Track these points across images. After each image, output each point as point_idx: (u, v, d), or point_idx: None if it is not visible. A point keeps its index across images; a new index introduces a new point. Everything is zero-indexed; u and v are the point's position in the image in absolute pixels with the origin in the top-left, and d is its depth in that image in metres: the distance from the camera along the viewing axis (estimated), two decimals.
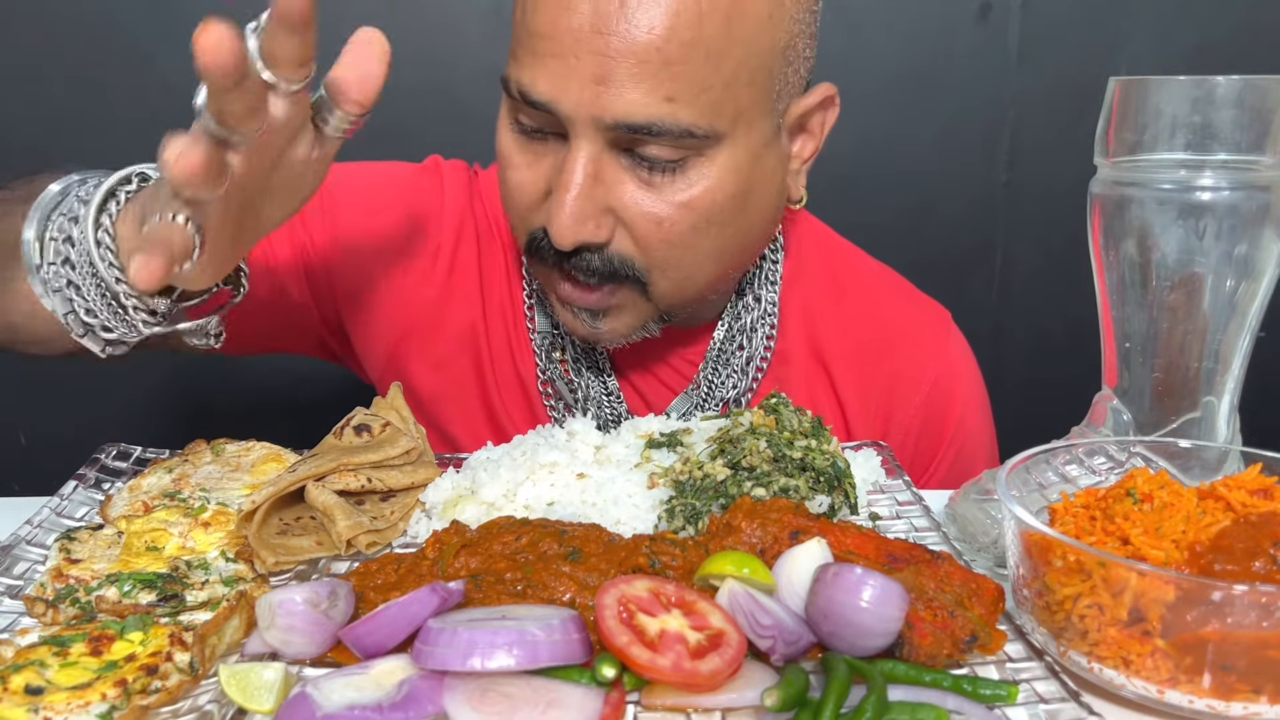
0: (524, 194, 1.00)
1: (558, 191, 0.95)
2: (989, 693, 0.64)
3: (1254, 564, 0.66)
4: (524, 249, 1.04)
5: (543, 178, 0.99)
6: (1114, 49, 2.08)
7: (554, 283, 1.04)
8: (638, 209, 0.96)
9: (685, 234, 0.98)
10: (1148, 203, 0.83)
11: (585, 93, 0.91)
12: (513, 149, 1.00)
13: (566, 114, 0.92)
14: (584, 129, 0.93)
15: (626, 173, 0.96)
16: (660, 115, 0.91)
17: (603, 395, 1.17)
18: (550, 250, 0.99)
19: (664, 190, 0.96)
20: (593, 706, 0.62)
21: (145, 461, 1.01)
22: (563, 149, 0.96)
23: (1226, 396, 0.88)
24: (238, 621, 0.73)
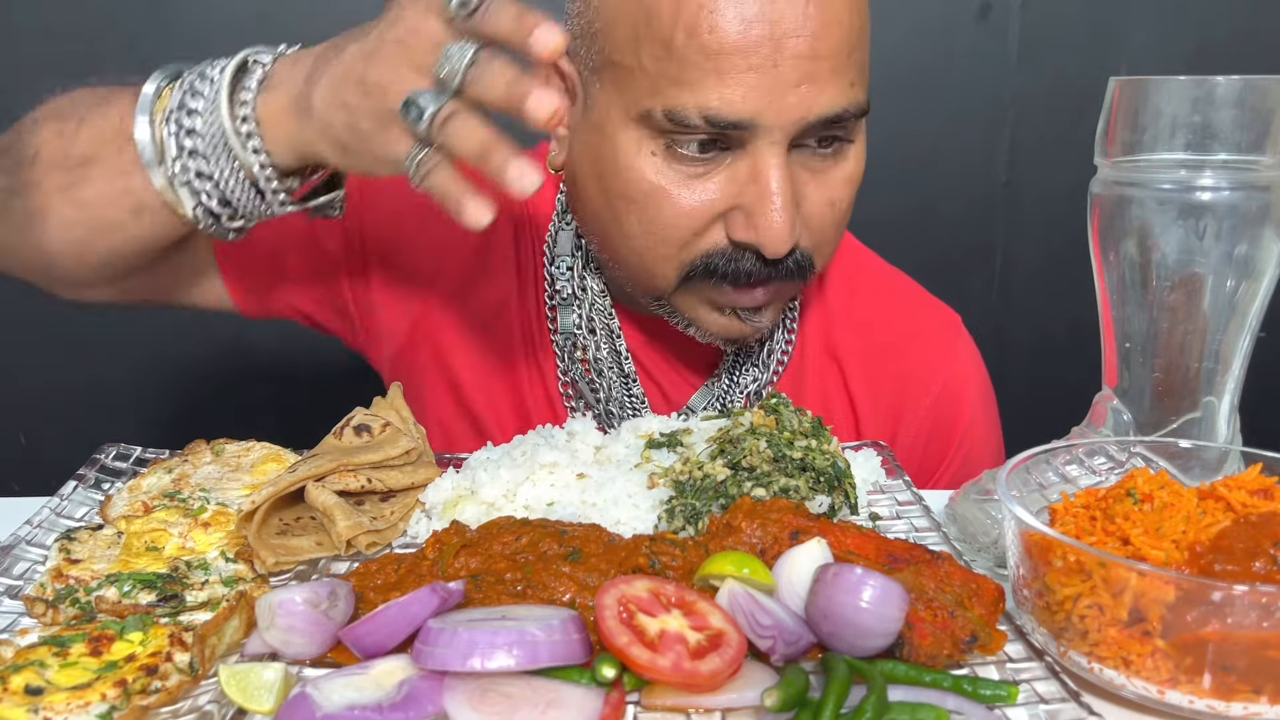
0: (689, 222, 0.97)
1: (762, 202, 0.94)
2: (989, 693, 0.64)
3: (1254, 564, 0.66)
4: (677, 280, 1.01)
5: (716, 196, 0.96)
6: (1114, 49, 2.08)
7: (716, 295, 1.02)
8: (816, 197, 0.99)
9: (845, 210, 1.02)
10: (1148, 203, 0.83)
11: (790, 98, 0.91)
12: (664, 180, 0.96)
13: (769, 124, 0.92)
14: (780, 134, 0.93)
15: (799, 166, 0.97)
16: (850, 100, 0.95)
17: (625, 396, 1.16)
18: (746, 265, 0.98)
19: (830, 173, 0.99)
20: (593, 706, 0.62)
21: (145, 461, 1.01)
22: (734, 161, 0.95)
23: (1227, 397, 0.88)
24: (238, 622, 0.73)
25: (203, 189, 0.88)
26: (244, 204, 0.90)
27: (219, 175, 0.87)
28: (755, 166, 0.94)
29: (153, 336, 2.09)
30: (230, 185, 0.88)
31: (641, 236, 1.00)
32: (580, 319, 1.16)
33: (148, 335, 2.09)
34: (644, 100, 0.94)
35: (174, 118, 0.87)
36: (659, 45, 0.92)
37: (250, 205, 0.90)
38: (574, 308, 1.16)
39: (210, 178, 0.88)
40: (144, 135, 0.88)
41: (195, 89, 0.87)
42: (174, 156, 0.87)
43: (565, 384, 1.18)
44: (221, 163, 0.87)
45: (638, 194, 0.98)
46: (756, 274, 0.99)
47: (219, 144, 0.86)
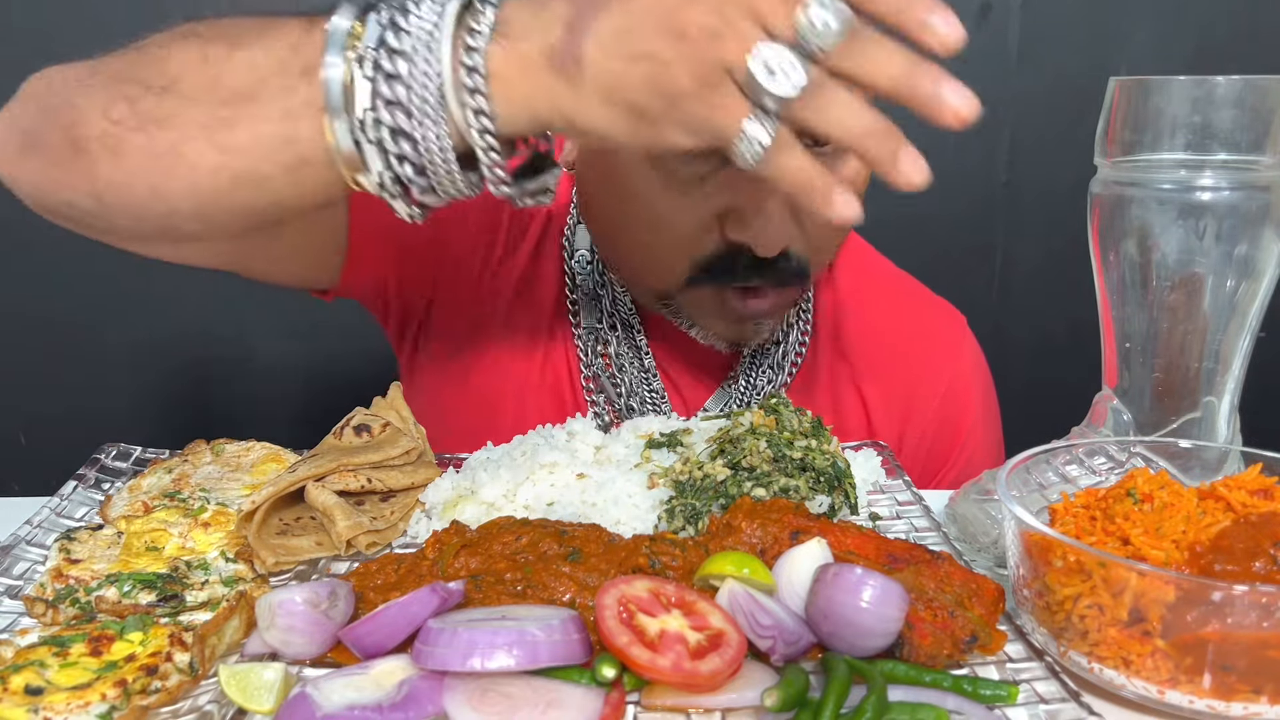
0: (689, 222, 0.96)
1: (755, 203, 0.93)
2: (989, 693, 0.64)
3: (1254, 564, 0.66)
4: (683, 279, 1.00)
5: (714, 199, 0.96)
6: (1114, 49, 2.08)
7: (720, 300, 1.02)
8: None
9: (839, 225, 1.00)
10: (1148, 203, 0.83)
11: None
12: (660, 187, 0.96)
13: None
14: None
15: None
16: None
17: (646, 392, 1.17)
18: (740, 266, 0.97)
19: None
20: (593, 707, 0.62)
21: (145, 461, 1.01)
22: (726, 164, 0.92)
23: (1227, 397, 0.88)
24: (238, 622, 0.73)
25: (397, 150, 0.71)
26: (443, 176, 0.73)
27: (422, 135, 0.70)
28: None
29: (153, 336, 2.09)
30: (434, 150, 0.71)
31: (642, 247, 1.01)
32: (602, 314, 1.17)
33: (147, 335, 2.09)
34: None
35: (372, 57, 0.70)
36: None
37: (449, 179, 0.73)
38: (596, 303, 1.17)
39: (410, 136, 0.71)
40: (335, 73, 0.70)
41: (400, 26, 0.70)
42: (367, 106, 0.70)
43: (587, 378, 1.18)
44: (429, 120, 0.70)
45: (642, 195, 0.98)
46: (750, 274, 0.99)
47: (431, 96, 0.69)
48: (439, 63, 0.69)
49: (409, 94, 0.70)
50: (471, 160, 0.73)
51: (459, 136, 0.71)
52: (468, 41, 0.69)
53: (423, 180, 0.73)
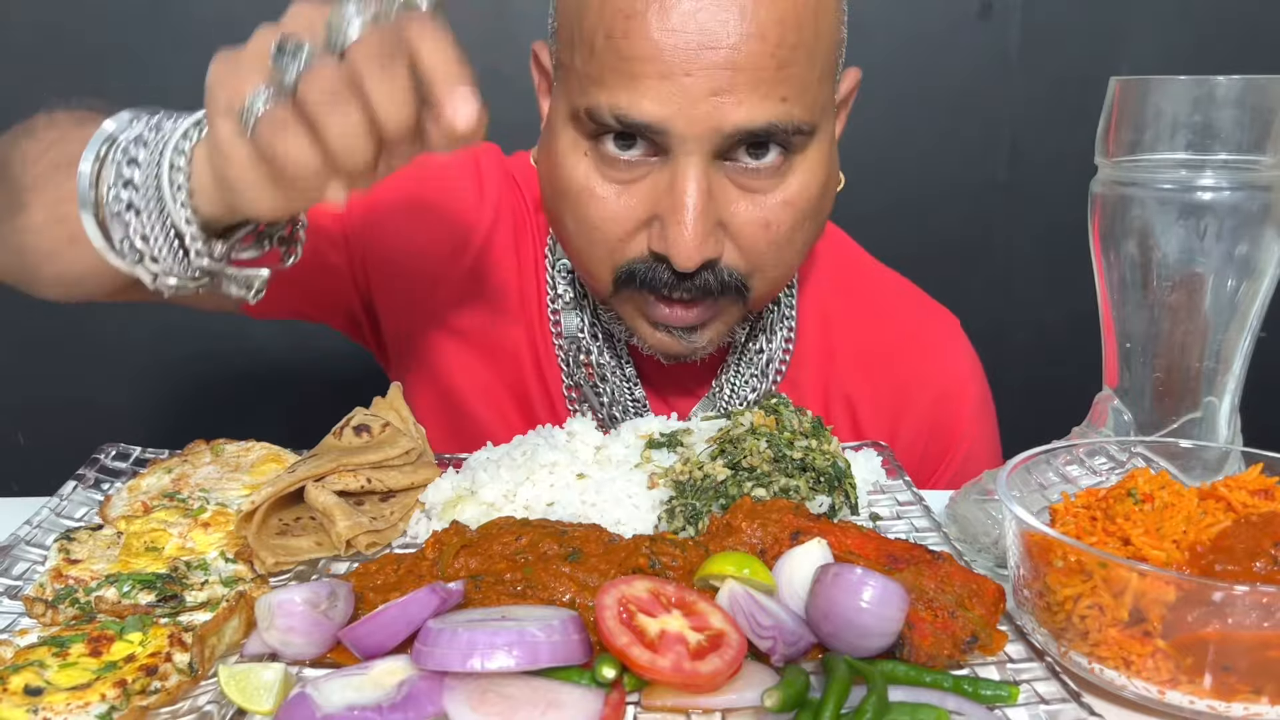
0: (615, 226, 0.98)
1: (673, 213, 0.93)
2: (989, 693, 0.64)
3: (1255, 564, 0.66)
4: (611, 284, 1.01)
5: (639, 204, 0.96)
6: (1114, 49, 2.08)
7: (646, 307, 1.02)
8: (746, 216, 0.97)
9: (787, 233, 0.99)
10: (1148, 203, 0.83)
11: (700, 107, 0.90)
12: (593, 182, 0.97)
13: (680, 132, 0.91)
14: (695, 145, 0.92)
15: (730, 182, 0.96)
16: (778, 115, 0.92)
17: (629, 401, 1.16)
18: (663, 277, 0.97)
19: (768, 193, 0.97)
20: (593, 707, 0.62)
21: (145, 461, 1.01)
22: (658, 171, 0.95)
23: (1227, 397, 0.88)
24: (237, 622, 0.73)
25: (130, 221, 0.79)
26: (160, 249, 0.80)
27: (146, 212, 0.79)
28: (673, 176, 0.93)
29: (152, 336, 2.09)
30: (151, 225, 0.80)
31: (577, 236, 1.01)
32: (584, 323, 1.16)
33: (147, 335, 2.09)
34: (574, 99, 0.96)
35: (122, 146, 0.80)
36: (586, 47, 0.93)
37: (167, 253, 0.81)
38: (576, 312, 1.16)
39: (139, 211, 0.79)
40: (86, 167, 0.80)
41: (159, 125, 0.81)
42: (110, 184, 0.79)
43: (569, 387, 1.18)
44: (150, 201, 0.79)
45: (569, 192, 0.99)
46: (672, 286, 0.98)
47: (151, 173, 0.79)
48: (161, 154, 0.78)
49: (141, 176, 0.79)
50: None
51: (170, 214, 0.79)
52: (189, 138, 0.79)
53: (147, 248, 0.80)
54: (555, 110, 1.01)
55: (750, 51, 0.89)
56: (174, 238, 0.81)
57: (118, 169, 0.80)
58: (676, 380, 1.19)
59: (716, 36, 0.89)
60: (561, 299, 1.17)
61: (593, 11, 0.92)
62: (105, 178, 0.80)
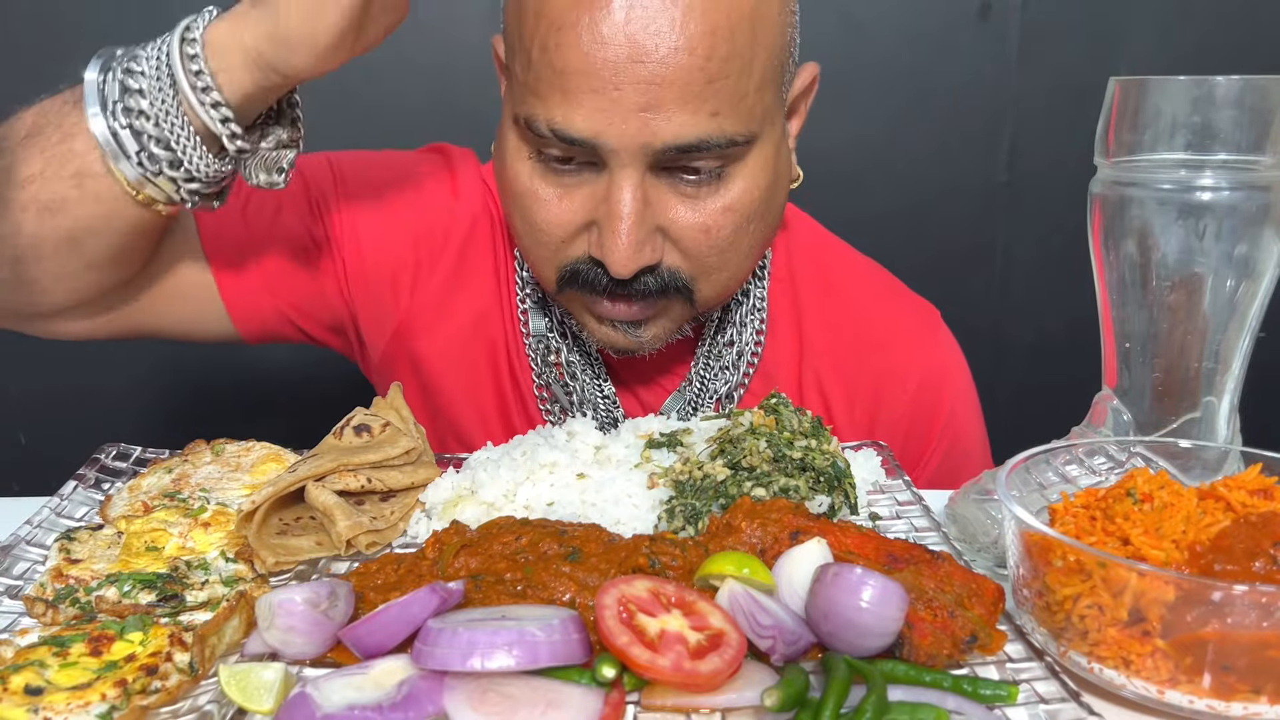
0: (557, 229, 0.99)
1: (609, 222, 0.94)
2: (989, 693, 0.64)
3: (1254, 564, 0.66)
4: (556, 283, 1.03)
5: (578, 209, 0.97)
6: (1114, 49, 2.08)
7: (591, 304, 1.03)
8: (685, 222, 0.97)
9: (730, 236, 0.99)
10: (1148, 203, 0.83)
11: (631, 123, 0.90)
12: (537, 185, 0.98)
13: (612, 146, 0.91)
14: (629, 157, 0.92)
15: (669, 190, 0.96)
16: (709, 131, 0.92)
17: (599, 398, 1.17)
18: (602, 280, 0.99)
19: (707, 199, 0.97)
20: (593, 707, 0.62)
21: (145, 461, 1.01)
22: (596, 178, 0.96)
23: (1227, 397, 0.88)
24: (238, 621, 0.73)
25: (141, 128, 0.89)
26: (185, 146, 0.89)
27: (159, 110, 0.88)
28: (609, 186, 0.94)
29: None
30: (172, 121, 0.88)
31: (524, 235, 1.03)
32: (552, 322, 1.17)
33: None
34: (517, 106, 0.97)
35: (121, 66, 0.89)
36: (524, 56, 0.94)
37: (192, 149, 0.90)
38: (544, 311, 1.17)
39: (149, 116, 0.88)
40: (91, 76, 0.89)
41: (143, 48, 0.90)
42: (115, 98, 0.88)
43: (540, 386, 1.19)
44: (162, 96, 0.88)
45: (515, 194, 1.00)
46: (612, 290, 0.99)
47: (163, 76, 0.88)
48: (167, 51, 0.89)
49: (146, 81, 0.89)
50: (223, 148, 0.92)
51: (193, 112, 0.89)
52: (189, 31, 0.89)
53: (169, 155, 0.90)
54: (505, 111, 1.02)
55: (679, 65, 0.89)
56: (194, 134, 0.90)
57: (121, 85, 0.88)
58: (646, 375, 1.20)
59: (645, 50, 0.88)
60: (530, 299, 1.18)
61: (529, 22, 0.92)
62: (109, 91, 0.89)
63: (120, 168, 0.90)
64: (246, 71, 0.89)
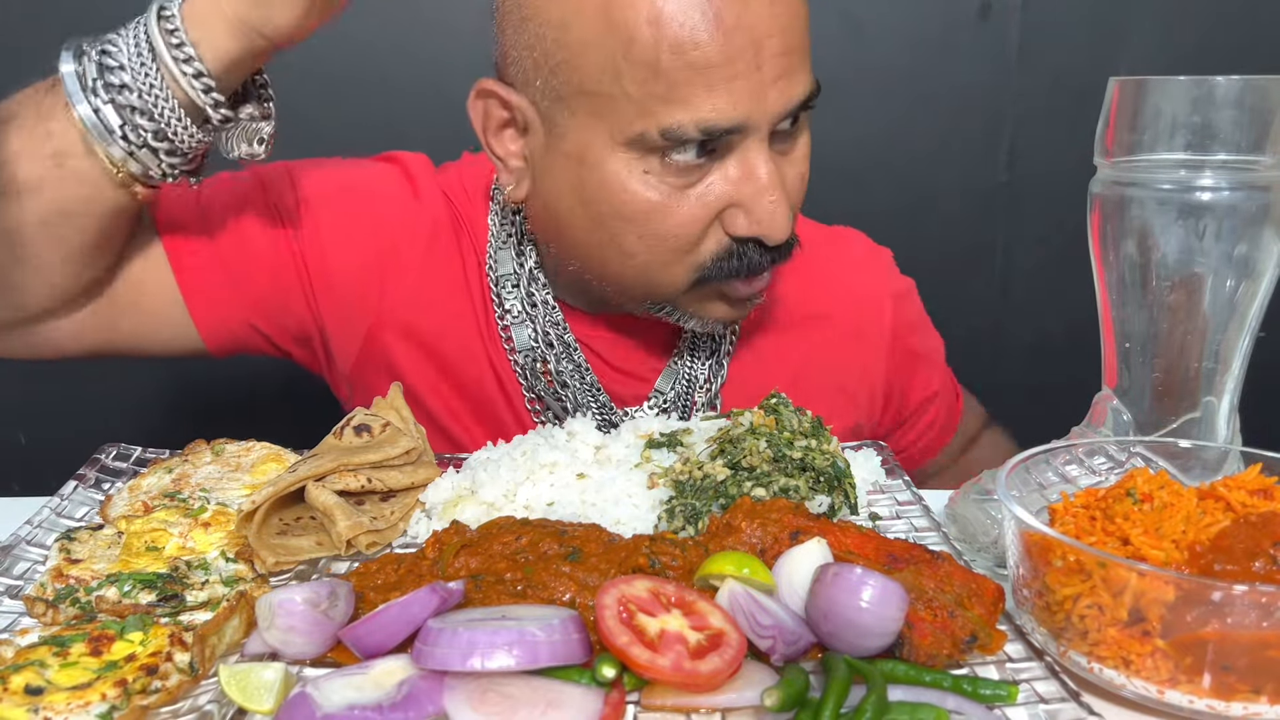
0: (691, 230, 0.99)
1: (758, 196, 0.97)
2: (989, 693, 0.64)
3: (1254, 564, 0.66)
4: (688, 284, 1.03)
5: (712, 202, 0.98)
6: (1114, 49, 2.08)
7: (727, 289, 1.04)
8: (790, 175, 1.02)
9: (806, 180, 1.06)
10: (1148, 203, 0.83)
11: (770, 95, 0.95)
12: (663, 196, 0.97)
13: (756, 124, 0.95)
14: (764, 130, 0.96)
15: (775, 153, 1.00)
16: (811, 83, 1.00)
17: (591, 402, 1.17)
18: (754, 258, 1.01)
19: (791, 155, 1.03)
20: (593, 706, 0.62)
21: (145, 461, 1.01)
22: (720, 164, 0.97)
23: (1226, 397, 0.88)
24: (238, 621, 0.73)
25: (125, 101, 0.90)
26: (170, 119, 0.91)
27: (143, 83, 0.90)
28: (746, 163, 0.97)
29: None
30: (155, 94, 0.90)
31: (645, 252, 1.01)
32: (536, 334, 1.16)
33: None
34: (634, 124, 0.94)
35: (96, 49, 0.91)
36: (644, 69, 0.92)
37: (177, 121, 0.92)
38: (527, 324, 1.16)
39: (131, 88, 0.90)
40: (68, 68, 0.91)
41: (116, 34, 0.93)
42: (94, 76, 0.90)
43: (531, 399, 1.18)
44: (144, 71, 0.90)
45: (637, 214, 0.98)
46: (763, 263, 1.02)
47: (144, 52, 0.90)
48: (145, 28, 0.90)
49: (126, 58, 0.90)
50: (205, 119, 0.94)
51: (175, 84, 0.91)
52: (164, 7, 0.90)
53: (153, 125, 0.92)
54: (588, 143, 0.98)
55: (797, 31, 0.96)
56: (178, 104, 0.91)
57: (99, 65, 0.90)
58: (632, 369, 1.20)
59: (770, 27, 0.93)
60: (510, 314, 1.17)
61: (644, 34, 0.91)
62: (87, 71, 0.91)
63: (104, 146, 0.92)
64: (229, 38, 0.90)
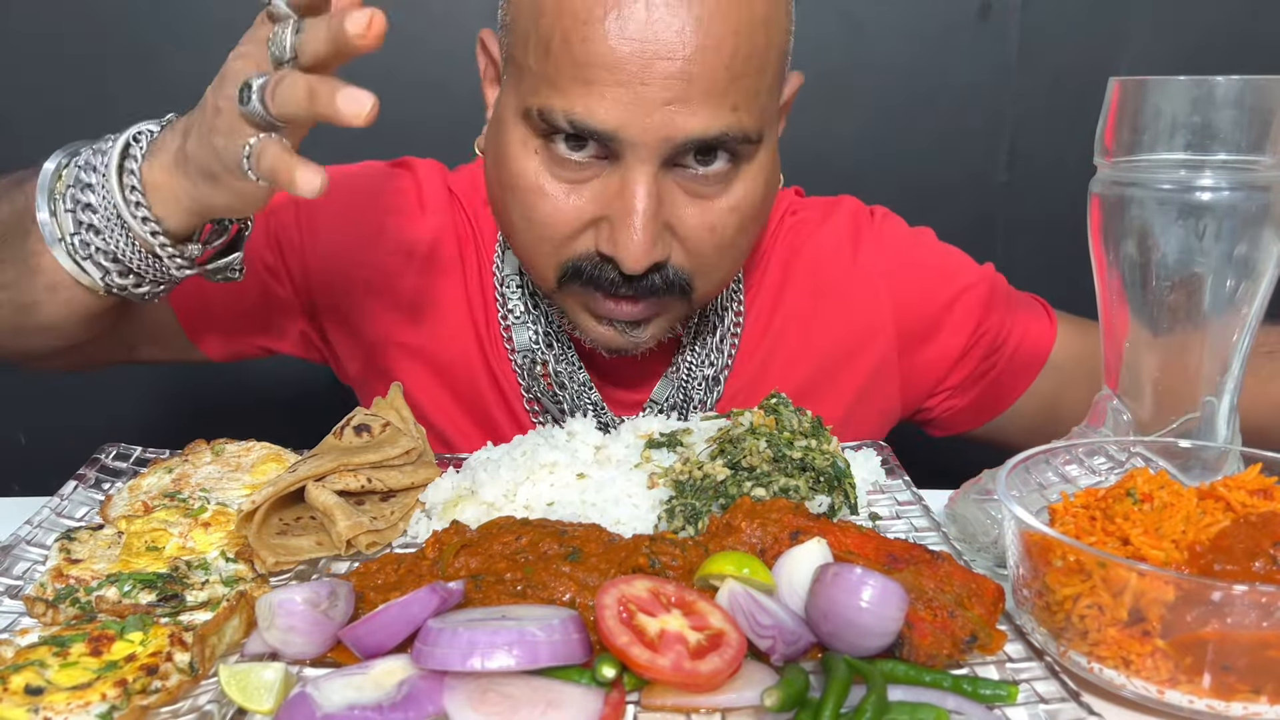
0: (562, 224, 0.98)
1: (624, 218, 0.94)
2: (989, 693, 0.64)
3: (1254, 564, 0.66)
4: (556, 280, 1.02)
5: (586, 205, 0.97)
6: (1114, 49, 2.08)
7: (591, 303, 1.03)
8: (693, 221, 0.98)
9: (734, 236, 1.01)
10: (1148, 203, 0.83)
11: (655, 116, 0.91)
12: (543, 180, 0.97)
13: (633, 139, 0.92)
14: (646, 152, 0.92)
15: (679, 188, 0.97)
16: (729, 125, 0.93)
17: (588, 404, 1.17)
18: (609, 277, 0.98)
19: (714, 199, 0.98)
20: (593, 706, 0.62)
21: (145, 461, 1.01)
22: (609, 172, 0.96)
23: (1226, 397, 0.88)
24: (238, 621, 0.73)
25: (104, 263, 0.90)
26: (147, 272, 0.91)
27: (118, 248, 0.89)
28: (623, 181, 0.94)
29: None
30: (129, 256, 0.89)
31: (524, 230, 1.01)
32: (536, 335, 1.16)
33: None
34: (527, 98, 0.95)
35: (70, 194, 0.89)
36: (541, 47, 0.93)
37: (153, 272, 0.91)
38: (528, 324, 1.16)
39: (108, 252, 0.89)
40: (44, 215, 0.89)
41: (90, 164, 0.89)
42: (71, 233, 0.89)
43: (530, 400, 1.18)
44: (117, 235, 0.88)
45: (520, 188, 0.99)
46: (619, 286, 0.99)
47: (113, 217, 0.88)
48: (111, 188, 0.87)
49: (99, 218, 0.88)
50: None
51: (143, 241, 0.89)
52: (129, 166, 0.88)
53: (133, 278, 0.92)
54: (505, 104, 1.01)
55: (705, 63, 0.90)
56: (152, 259, 0.91)
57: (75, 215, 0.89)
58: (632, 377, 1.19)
59: (672, 47, 0.89)
60: (512, 314, 1.17)
61: (549, 13, 0.91)
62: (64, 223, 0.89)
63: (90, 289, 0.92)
64: (186, 215, 0.89)
